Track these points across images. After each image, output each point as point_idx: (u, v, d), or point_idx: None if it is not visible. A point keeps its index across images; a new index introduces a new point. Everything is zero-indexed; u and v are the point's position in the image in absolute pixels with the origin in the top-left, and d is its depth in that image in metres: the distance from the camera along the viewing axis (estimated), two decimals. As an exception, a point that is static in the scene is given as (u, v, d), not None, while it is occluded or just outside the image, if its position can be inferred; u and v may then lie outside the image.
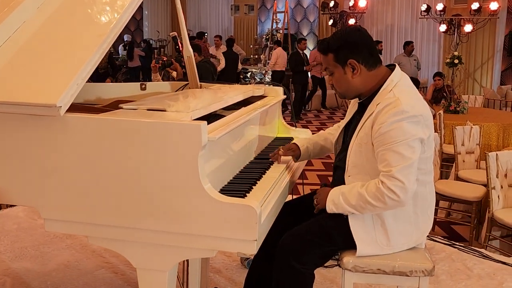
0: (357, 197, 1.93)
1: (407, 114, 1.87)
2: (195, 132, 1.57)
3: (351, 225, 2.00)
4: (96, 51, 1.77)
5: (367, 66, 2.01)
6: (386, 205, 1.88)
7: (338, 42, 2.01)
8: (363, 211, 1.95)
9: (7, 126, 1.71)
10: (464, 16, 11.03)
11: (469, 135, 4.70)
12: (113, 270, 3.06)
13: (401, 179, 1.85)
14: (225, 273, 3.06)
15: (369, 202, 1.90)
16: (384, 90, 1.99)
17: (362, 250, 1.99)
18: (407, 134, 1.87)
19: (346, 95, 2.10)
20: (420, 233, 2.05)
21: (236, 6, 15.68)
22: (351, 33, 2.04)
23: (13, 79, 1.75)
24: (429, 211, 2.07)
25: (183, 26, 2.77)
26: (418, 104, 1.95)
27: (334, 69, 2.04)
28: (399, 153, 1.86)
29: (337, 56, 2.00)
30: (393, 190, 1.85)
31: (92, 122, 1.66)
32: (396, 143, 1.87)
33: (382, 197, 1.87)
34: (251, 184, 1.93)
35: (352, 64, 1.99)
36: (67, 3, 2.02)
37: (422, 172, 1.98)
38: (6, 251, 3.31)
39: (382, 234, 1.99)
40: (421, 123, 1.90)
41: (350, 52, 1.98)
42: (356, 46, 2.00)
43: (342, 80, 2.04)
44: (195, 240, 1.63)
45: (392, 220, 1.98)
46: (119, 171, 1.63)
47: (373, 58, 2.02)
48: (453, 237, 4.09)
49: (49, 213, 1.72)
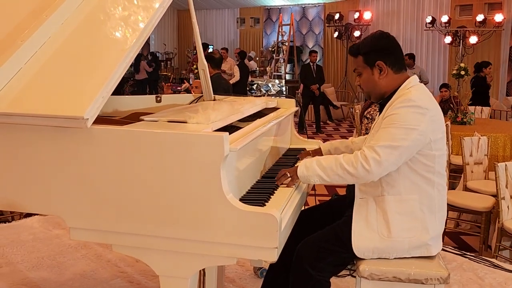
0: (332, 161, 2.00)
1: (413, 103, 1.97)
2: (217, 143, 1.63)
3: (354, 216, 2.06)
4: (119, 65, 1.84)
5: (393, 69, 2.12)
6: (356, 170, 1.94)
7: (368, 46, 2.15)
8: (331, 175, 1.99)
9: (35, 138, 1.76)
10: (469, 28, 11.11)
11: (477, 145, 4.73)
12: (128, 280, 3.10)
13: (380, 153, 1.93)
14: (238, 282, 3.10)
15: (341, 165, 1.96)
16: (401, 89, 2.09)
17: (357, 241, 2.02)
18: (407, 120, 1.95)
19: (371, 94, 2.20)
20: (426, 232, 2.03)
21: (242, 19, 15.83)
22: (380, 38, 2.16)
23: (40, 92, 1.81)
24: (438, 215, 2.07)
25: (198, 38, 2.84)
26: (428, 100, 2.03)
27: (362, 70, 2.16)
28: (392, 133, 1.95)
29: (367, 58, 2.13)
30: (368, 160, 1.93)
31: (118, 133, 1.72)
32: (394, 125, 1.96)
33: (356, 163, 1.95)
34: (269, 194, 1.98)
35: (380, 66, 2.11)
36: (89, 19, 2.09)
37: (428, 170, 2.02)
38: (23, 261, 3.36)
39: (383, 225, 2.02)
40: (427, 116, 1.97)
41: (379, 55, 2.11)
42: (385, 50, 2.13)
43: (369, 81, 2.16)
44: (217, 247, 1.67)
45: (396, 213, 2.01)
46: (143, 181, 1.69)
47: (399, 62, 2.14)
48: (462, 247, 4.11)
49: (75, 222, 1.77)
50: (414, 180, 2.02)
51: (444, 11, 11.78)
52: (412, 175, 2.02)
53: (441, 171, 2.07)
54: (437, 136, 2.01)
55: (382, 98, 2.17)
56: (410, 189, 2.03)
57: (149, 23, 2.05)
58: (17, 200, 1.82)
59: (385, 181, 2.02)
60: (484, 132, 5.50)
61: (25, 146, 1.77)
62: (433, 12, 11.90)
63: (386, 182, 2.02)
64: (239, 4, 15.59)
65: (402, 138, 1.93)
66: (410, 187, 2.02)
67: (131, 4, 2.16)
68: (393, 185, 2.02)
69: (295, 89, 12.11)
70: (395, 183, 2.02)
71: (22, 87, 1.80)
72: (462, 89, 8.92)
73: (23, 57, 1.87)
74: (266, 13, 15.35)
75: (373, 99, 2.23)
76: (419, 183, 2.03)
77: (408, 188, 2.02)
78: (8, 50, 1.85)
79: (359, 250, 2.03)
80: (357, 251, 2.03)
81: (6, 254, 3.46)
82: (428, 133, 1.97)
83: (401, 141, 1.93)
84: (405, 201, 2.02)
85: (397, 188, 2.03)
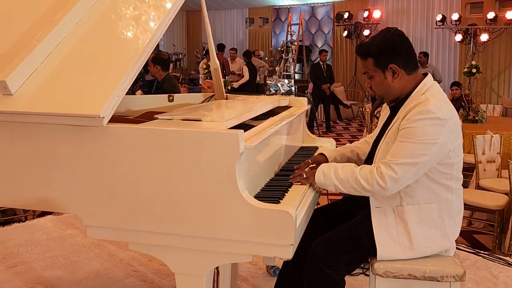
0: (348, 173, 1.98)
1: (432, 115, 1.89)
2: (233, 141, 1.63)
3: (374, 227, 2.02)
4: (134, 64, 1.86)
5: (407, 70, 2.04)
6: (372, 187, 1.92)
7: (378, 47, 2.02)
8: (347, 187, 1.98)
9: (51, 137, 1.78)
10: (480, 25, 11.02)
11: (489, 144, 4.70)
12: (142, 279, 3.12)
13: (397, 171, 1.89)
14: (251, 281, 3.10)
15: (356, 180, 1.95)
16: (416, 93, 2.02)
17: (383, 252, 2.01)
18: (426, 135, 1.89)
19: (385, 98, 2.13)
20: (446, 239, 2.04)
21: (250, 19, 15.82)
22: (390, 38, 2.04)
23: (56, 91, 1.83)
24: (456, 218, 2.07)
25: (211, 39, 2.85)
26: (447, 107, 1.97)
27: (374, 73, 2.06)
28: (410, 149, 1.89)
29: (377, 61, 2.03)
30: (384, 177, 1.90)
31: (133, 131, 1.73)
32: (412, 139, 1.90)
33: (371, 180, 1.92)
34: (283, 192, 1.98)
35: (393, 69, 2.02)
36: (103, 19, 2.10)
37: (447, 177, 2.00)
38: (37, 260, 3.39)
39: (404, 236, 2.00)
40: (446, 127, 1.91)
41: (391, 57, 2.01)
42: (396, 50, 2.02)
43: (382, 84, 2.07)
44: (232, 245, 1.68)
45: (415, 223, 2.00)
46: (159, 178, 1.70)
47: (412, 62, 2.05)
48: (475, 246, 4.08)
49: (91, 220, 1.79)
50: (432, 188, 2.00)
51: (455, 9, 11.69)
52: (431, 185, 2.00)
53: (458, 175, 2.05)
54: (455, 144, 1.98)
55: (396, 101, 2.11)
56: (429, 198, 2.00)
57: (162, 23, 2.06)
58: (34, 198, 1.84)
59: (403, 191, 1.99)
60: (496, 130, 5.46)
61: (42, 144, 1.79)
62: (443, 10, 11.82)
63: (404, 193, 1.99)
64: (248, 4, 15.58)
65: (422, 154, 1.88)
66: (428, 196, 2.00)
67: (143, 3, 2.17)
68: (412, 195, 2.00)
69: (305, 88, 12.08)
70: (414, 193, 1.99)
71: (39, 86, 1.82)
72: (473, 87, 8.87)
73: (39, 57, 1.88)
74: (275, 13, 15.33)
75: (387, 102, 2.16)
76: (438, 191, 2.00)
77: (427, 197, 2.00)
78: (24, 50, 1.87)
79: (383, 258, 2.03)
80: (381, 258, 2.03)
81: (21, 254, 3.50)
82: (447, 143, 1.93)
83: (421, 157, 1.88)
84: (424, 210, 2.00)
85: (416, 198, 2.00)
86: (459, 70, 10.53)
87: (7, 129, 1.82)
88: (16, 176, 1.84)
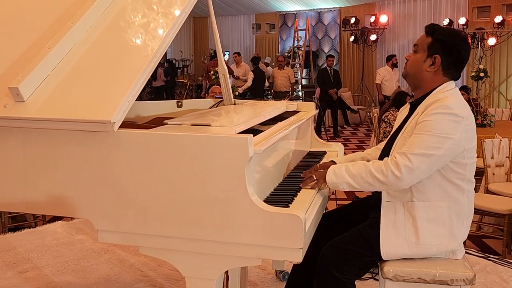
0: (361, 167, 1.99)
1: (450, 110, 1.93)
2: (242, 145, 1.65)
3: (382, 221, 2.03)
4: (144, 70, 1.88)
5: (444, 71, 2.07)
6: (386, 178, 1.92)
7: (443, 35, 2.06)
8: (361, 182, 1.98)
9: (63, 142, 1.80)
10: (487, 29, 11.00)
11: (498, 148, 4.68)
12: (151, 284, 3.13)
13: (413, 161, 1.89)
14: (260, 285, 3.11)
15: (370, 172, 1.95)
16: (437, 92, 2.05)
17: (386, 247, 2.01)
18: (442, 129, 1.91)
19: (409, 77, 2.14)
20: (454, 239, 2.04)
21: (257, 24, 15.89)
22: (458, 38, 2.07)
23: (67, 97, 1.85)
24: (465, 221, 2.08)
25: (219, 44, 2.87)
26: (464, 108, 2.00)
27: (421, 50, 2.10)
28: (426, 141, 1.91)
29: (433, 44, 2.06)
30: (400, 166, 1.90)
31: (144, 137, 1.75)
32: (429, 132, 1.92)
33: (386, 170, 1.92)
34: (292, 196, 1.99)
35: (436, 60, 2.05)
36: (113, 26, 2.13)
37: (459, 177, 2.01)
38: (48, 265, 3.41)
39: (411, 231, 2.01)
40: (461, 125, 1.94)
41: (443, 50, 2.05)
42: (452, 49, 2.05)
43: (417, 64, 2.10)
44: (242, 249, 1.69)
45: (424, 220, 2.00)
46: (169, 183, 1.72)
47: (455, 69, 2.08)
48: (484, 250, 4.05)
49: (103, 225, 1.80)
50: (444, 187, 2.01)
51: (462, 13, 11.68)
52: (443, 182, 2.00)
53: (471, 178, 2.06)
54: (470, 144, 2.00)
55: (415, 88, 2.14)
56: (440, 196, 2.01)
57: (171, 30, 2.09)
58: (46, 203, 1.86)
59: (415, 187, 2.00)
60: (505, 134, 5.43)
61: (54, 150, 1.81)
62: (450, 15, 11.80)
63: (416, 188, 2.00)
64: (254, 10, 15.65)
65: (437, 147, 1.90)
66: (440, 194, 2.01)
67: (151, 11, 2.19)
68: (423, 191, 2.01)
69: (312, 93, 12.09)
70: (425, 190, 2.00)
71: (50, 92, 1.85)
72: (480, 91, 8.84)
73: (50, 63, 1.91)
74: (282, 19, 15.38)
75: (409, 82, 2.18)
76: (449, 190, 2.01)
77: (438, 195, 2.01)
78: (36, 57, 1.90)
79: (387, 255, 2.03)
80: (385, 256, 2.03)
81: (32, 259, 3.52)
82: (462, 142, 1.95)
83: (435, 149, 1.90)
84: (434, 207, 2.01)
85: (427, 195, 2.01)
86: (467, 74, 10.50)
87: (20, 135, 1.84)
88: (29, 181, 1.86)
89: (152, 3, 2.21)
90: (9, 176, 1.88)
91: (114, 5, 2.17)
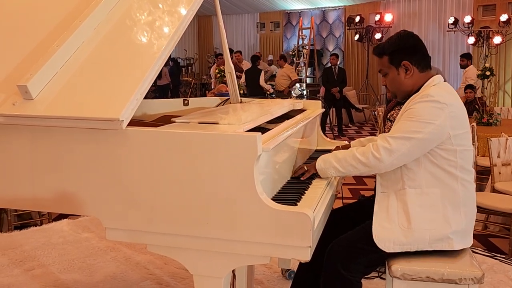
0: (347, 153, 2.09)
1: (431, 98, 1.99)
2: (251, 143, 1.65)
3: (375, 210, 2.08)
4: (151, 68, 1.88)
5: (419, 68, 2.13)
6: (367, 160, 2.01)
7: (393, 46, 2.16)
8: (345, 166, 2.08)
9: (71, 140, 1.81)
10: (493, 28, 10.95)
11: (504, 146, 4.66)
12: (157, 282, 3.14)
13: (392, 143, 1.98)
14: (267, 284, 3.11)
15: (354, 156, 2.04)
16: (424, 87, 2.11)
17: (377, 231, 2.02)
18: (423, 114, 1.98)
19: (398, 94, 2.22)
20: (447, 225, 2.00)
21: (261, 23, 15.86)
22: (405, 38, 2.18)
23: (76, 95, 1.86)
24: (462, 209, 2.04)
25: (225, 43, 2.87)
26: (449, 95, 2.04)
27: (388, 70, 2.18)
28: (407, 125, 1.99)
29: (392, 58, 2.15)
30: (379, 149, 1.99)
31: (152, 134, 1.75)
32: (410, 118, 2.00)
33: (367, 152, 2.02)
34: (300, 194, 1.99)
35: (406, 65, 2.12)
36: (121, 24, 2.13)
37: (450, 164, 2.02)
38: (54, 263, 3.43)
39: (403, 217, 2.02)
40: (445, 111, 1.97)
41: (404, 55, 2.12)
42: (410, 49, 2.14)
43: (395, 81, 2.17)
44: (250, 247, 1.69)
45: (417, 206, 2.01)
46: (177, 181, 1.71)
47: (425, 61, 2.15)
48: (491, 249, 4.04)
49: (111, 222, 1.81)
50: (435, 173, 2.03)
51: (467, 11, 11.63)
52: (433, 169, 2.03)
53: (466, 166, 2.06)
54: (457, 131, 2.01)
55: (408, 97, 2.16)
56: (432, 183, 2.03)
57: (178, 29, 2.08)
58: (55, 201, 1.86)
59: (406, 175, 2.05)
60: (511, 133, 5.41)
61: (62, 147, 1.82)
62: (456, 13, 11.76)
63: (407, 176, 2.05)
64: (258, 9, 15.63)
65: (416, 131, 1.97)
66: (431, 181, 2.03)
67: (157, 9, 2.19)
68: (414, 178, 2.04)
69: (316, 92, 12.07)
70: (416, 177, 2.04)
71: (59, 90, 1.85)
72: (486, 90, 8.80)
73: (58, 61, 1.91)
74: (286, 17, 15.36)
75: (399, 98, 2.24)
76: (441, 177, 2.03)
77: (430, 181, 2.03)
78: (44, 55, 1.90)
79: (379, 241, 2.02)
80: (378, 241, 2.02)
81: (38, 257, 3.54)
82: (446, 128, 1.98)
83: (415, 133, 1.97)
84: (426, 194, 2.03)
85: (418, 182, 2.04)
86: (472, 73, 10.45)
87: (28, 132, 1.84)
88: (37, 179, 1.86)
89: (157, 2, 2.21)
90: (17, 174, 1.89)
91: (121, 3, 2.18)
